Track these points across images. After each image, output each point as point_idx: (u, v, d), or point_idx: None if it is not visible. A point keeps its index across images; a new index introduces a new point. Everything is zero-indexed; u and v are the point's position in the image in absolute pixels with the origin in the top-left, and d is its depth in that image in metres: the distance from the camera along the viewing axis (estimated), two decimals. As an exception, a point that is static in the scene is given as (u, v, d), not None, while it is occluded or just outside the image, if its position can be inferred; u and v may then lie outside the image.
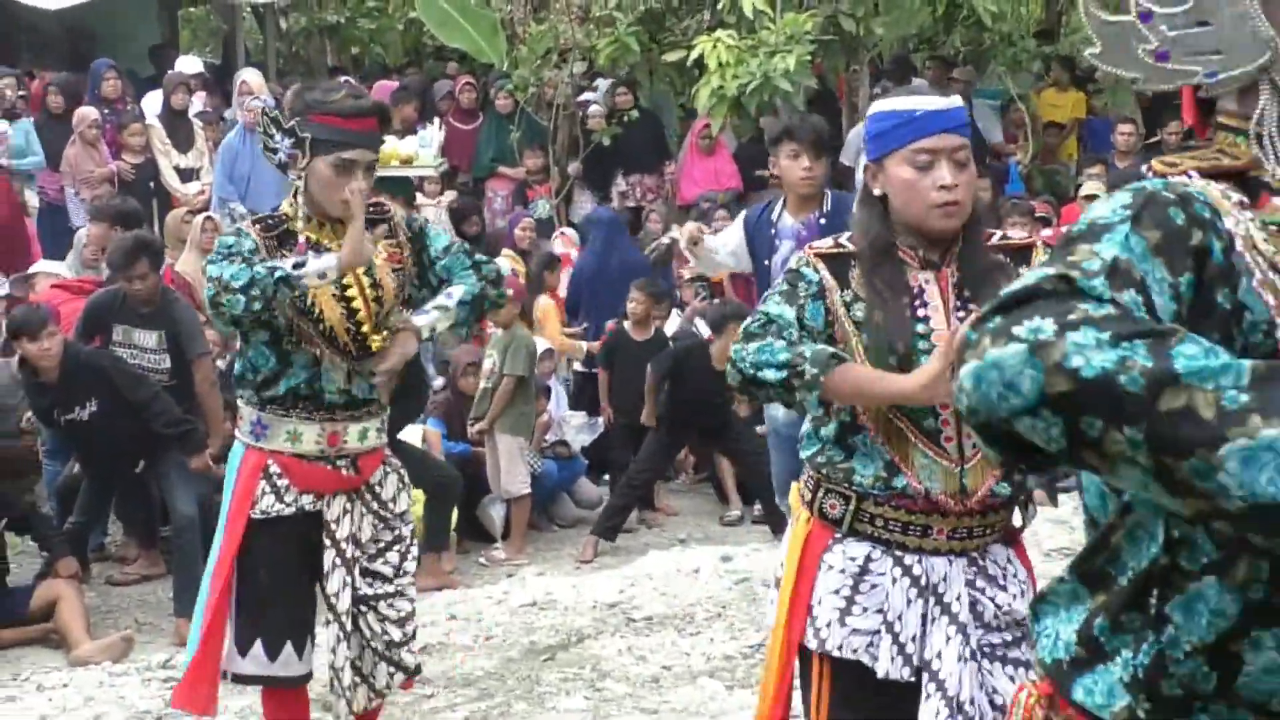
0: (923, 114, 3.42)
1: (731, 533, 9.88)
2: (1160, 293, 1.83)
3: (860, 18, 13.41)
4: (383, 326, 4.62)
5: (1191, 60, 1.99)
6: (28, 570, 8.49)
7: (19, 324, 8.17)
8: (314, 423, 4.56)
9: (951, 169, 3.38)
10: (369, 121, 4.49)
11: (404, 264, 4.69)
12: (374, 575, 4.69)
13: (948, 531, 3.45)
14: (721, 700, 6.14)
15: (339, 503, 4.62)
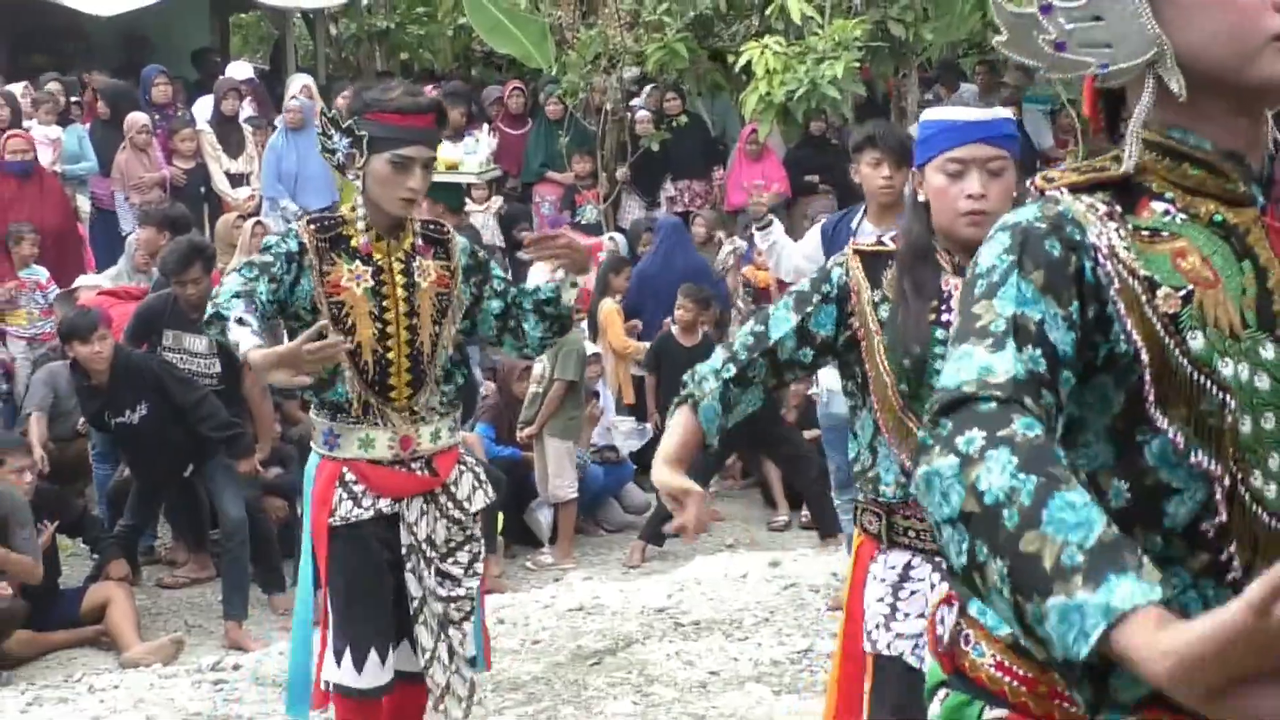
0: (959, 124, 3.50)
1: (779, 538, 9.86)
2: (1055, 328, 1.98)
3: (909, 23, 13.37)
4: (419, 362, 4.54)
5: (1086, 52, 2.11)
6: (79, 573, 8.54)
7: (71, 327, 8.23)
8: (385, 428, 4.53)
9: (982, 179, 3.45)
10: (426, 119, 4.47)
11: (451, 289, 4.62)
12: (445, 576, 4.67)
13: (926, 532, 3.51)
14: (769, 705, 6.13)
15: (416, 504, 4.60)
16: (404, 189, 4.42)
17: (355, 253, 4.49)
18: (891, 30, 13.38)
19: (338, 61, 19.15)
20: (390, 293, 4.51)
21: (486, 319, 4.69)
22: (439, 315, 4.58)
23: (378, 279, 4.50)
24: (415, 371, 4.54)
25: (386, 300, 4.50)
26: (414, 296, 4.53)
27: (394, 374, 4.52)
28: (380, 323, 4.50)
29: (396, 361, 4.52)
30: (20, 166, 10.98)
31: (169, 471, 8.49)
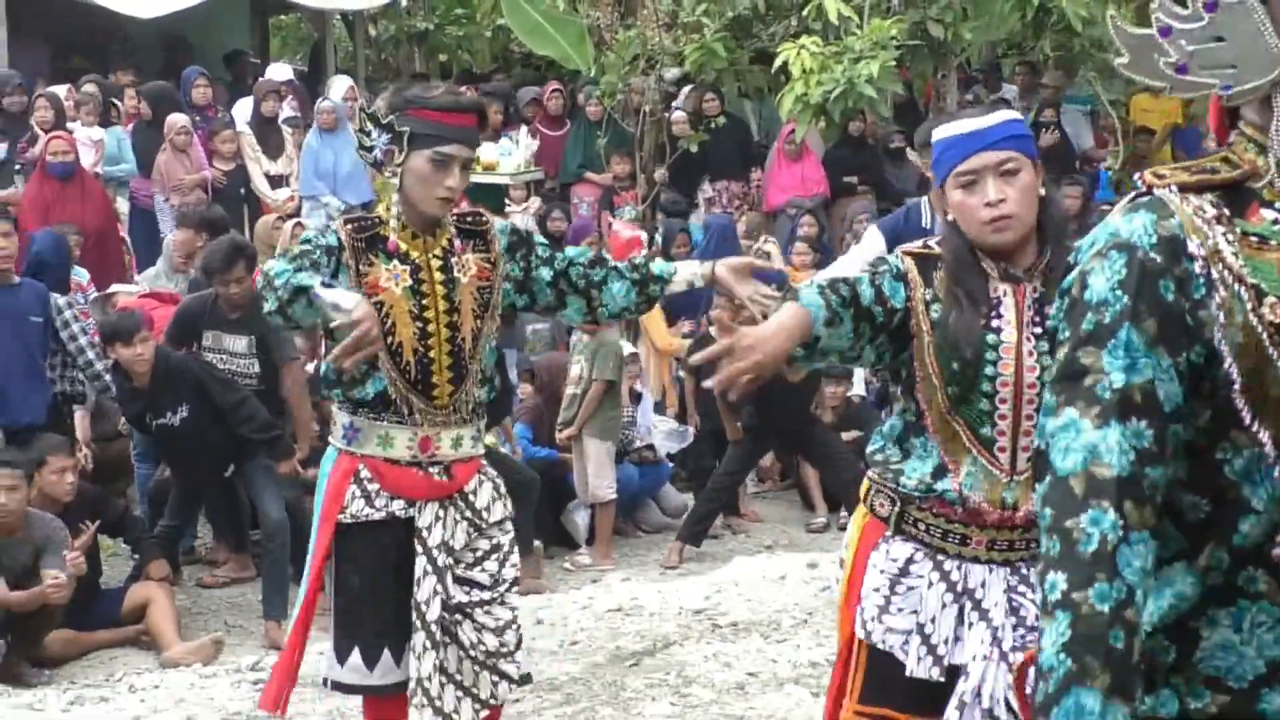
0: (961, 137, 3.51)
1: (817, 539, 9.85)
2: (1165, 382, 2.01)
3: (948, 23, 13.32)
4: (460, 359, 4.51)
5: (1208, 73, 2.07)
6: (120, 572, 8.59)
7: (113, 329, 8.26)
8: (406, 427, 4.49)
9: (997, 183, 3.44)
10: (468, 118, 4.44)
11: (492, 281, 4.57)
12: (470, 583, 4.61)
13: (986, 542, 3.52)
14: (808, 707, 6.10)
15: (431, 509, 4.54)
16: (442, 187, 4.38)
17: (392, 252, 4.45)
18: (930, 30, 13.33)
19: (377, 63, 19.19)
20: (429, 290, 4.46)
21: (541, 288, 4.62)
22: (480, 310, 4.53)
23: (416, 278, 4.46)
24: (456, 369, 4.51)
25: (426, 299, 4.46)
26: (454, 293, 4.49)
27: (435, 372, 4.48)
28: (420, 321, 4.46)
29: (438, 360, 4.48)
30: (62, 168, 11.03)
31: (210, 472, 8.53)
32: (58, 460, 7.82)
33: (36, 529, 7.54)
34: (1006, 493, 3.46)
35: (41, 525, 7.57)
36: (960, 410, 3.47)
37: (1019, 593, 3.51)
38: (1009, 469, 3.46)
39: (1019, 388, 3.44)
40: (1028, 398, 3.43)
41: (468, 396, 4.53)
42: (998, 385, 3.45)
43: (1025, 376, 3.44)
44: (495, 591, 4.63)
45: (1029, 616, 3.48)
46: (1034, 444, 3.28)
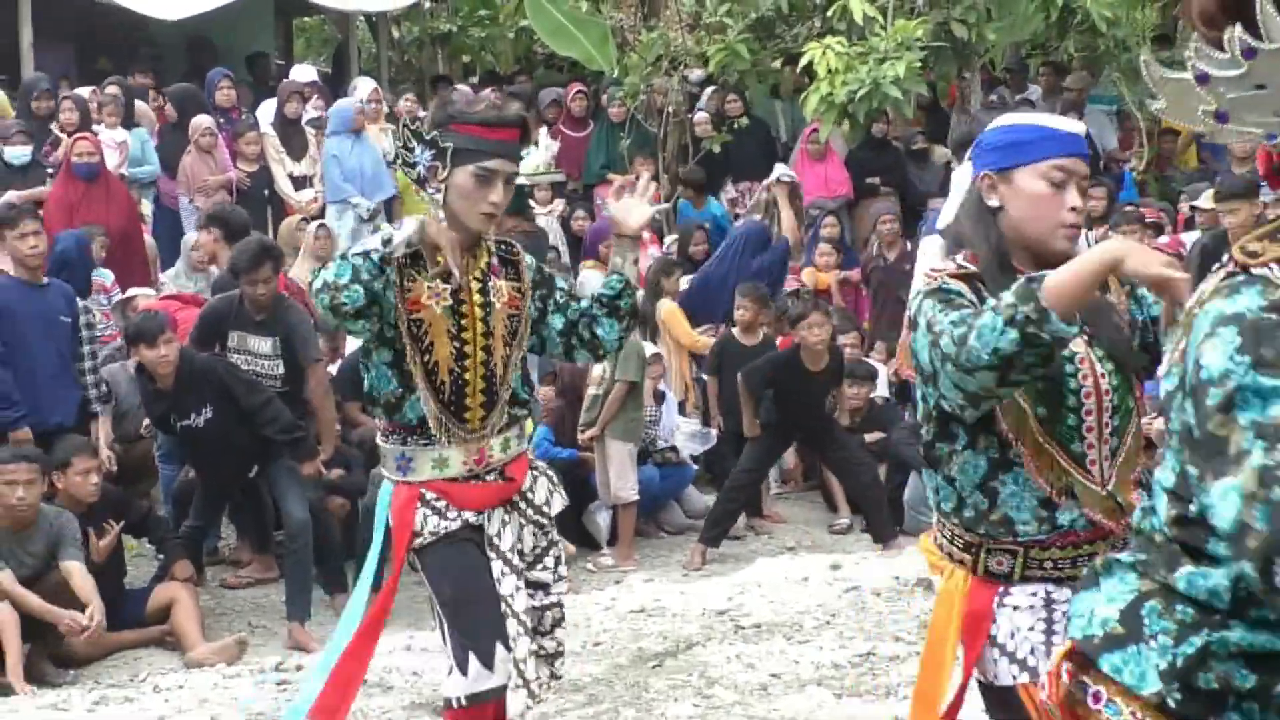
0: (1065, 134, 3.42)
1: (840, 541, 9.84)
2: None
3: (972, 24, 13.30)
4: (493, 383, 4.49)
5: (1252, 122, 1.99)
6: (144, 573, 8.61)
7: (137, 330, 8.28)
8: (458, 446, 4.46)
9: (1079, 194, 3.39)
10: (511, 132, 4.41)
11: (521, 310, 4.56)
12: (536, 585, 4.62)
13: (1069, 562, 3.42)
14: (830, 709, 6.09)
15: (497, 517, 4.53)
16: (486, 203, 4.34)
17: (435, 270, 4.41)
18: (954, 31, 13.32)
19: (400, 64, 19.23)
20: (469, 312, 4.44)
21: (551, 336, 4.64)
22: (510, 336, 4.53)
23: (456, 297, 4.43)
24: (489, 393, 4.49)
25: (465, 320, 4.44)
26: (490, 317, 4.48)
27: (469, 394, 4.46)
28: (458, 342, 4.43)
29: (472, 382, 4.46)
30: (87, 169, 11.05)
31: (234, 474, 8.54)
32: (82, 461, 7.84)
33: (49, 524, 7.57)
34: (1117, 499, 3.39)
35: (54, 519, 7.60)
36: (1053, 431, 3.36)
37: None
38: (1101, 481, 3.38)
39: (1099, 396, 3.37)
40: (1105, 405, 3.37)
41: (500, 420, 4.52)
42: (1082, 397, 3.36)
43: (1102, 383, 3.38)
44: (555, 592, 4.68)
45: None
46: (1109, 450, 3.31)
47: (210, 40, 16.75)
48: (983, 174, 3.46)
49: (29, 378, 8.28)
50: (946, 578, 3.53)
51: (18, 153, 11.37)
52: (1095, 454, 3.37)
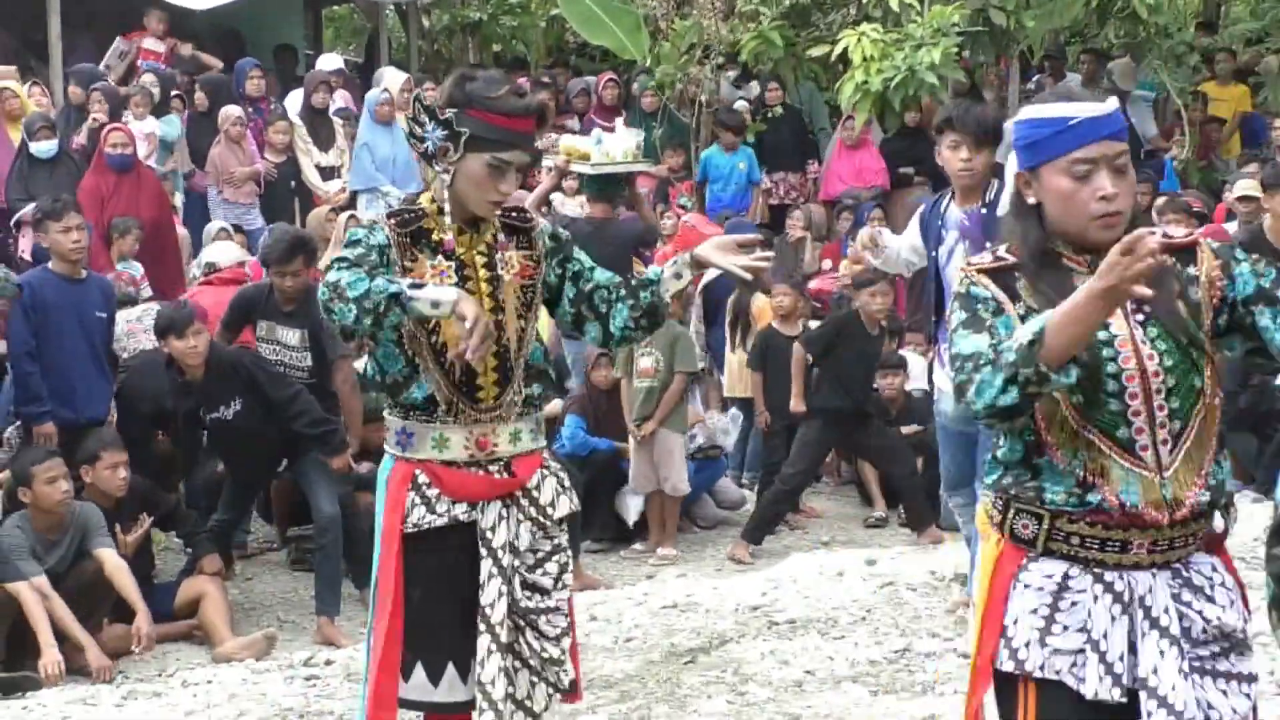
0: (1080, 121, 3.29)
1: (876, 535, 9.79)
2: None
3: (1011, 10, 13.20)
4: (506, 359, 4.36)
5: None
6: (173, 567, 8.61)
7: (168, 321, 8.26)
8: (461, 427, 4.33)
9: (1112, 177, 3.26)
10: (529, 122, 4.30)
11: (535, 279, 4.42)
12: (534, 588, 4.44)
13: (1148, 544, 3.31)
14: (866, 706, 6.04)
15: (494, 509, 4.37)
16: (496, 192, 4.25)
17: (437, 247, 4.32)
18: (992, 17, 13.22)
19: (430, 54, 19.18)
20: (475, 288, 4.31)
21: (563, 305, 4.48)
22: (524, 309, 4.39)
23: (461, 274, 4.32)
24: (502, 369, 4.35)
25: (471, 296, 4.28)
26: (498, 291, 4.35)
27: (481, 373, 4.34)
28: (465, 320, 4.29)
29: (484, 360, 4.31)
30: (120, 160, 11.05)
31: (262, 467, 8.56)
32: (110, 455, 7.84)
33: (74, 516, 7.60)
34: (1164, 491, 3.27)
35: (78, 511, 7.61)
36: (1093, 417, 3.28)
37: (1184, 601, 3.32)
38: (1156, 466, 3.27)
39: (1145, 379, 3.26)
40: (1154, 387, 3.26)
41: (516, 396, 4.38)
42: (1124, 381, 3.27)
43: (1148, 365, 3.27)
44: (556, 598, 4.46)
45: (1194, 629, 3.31)
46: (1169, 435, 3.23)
47: (239, 30, 16.74)
48: (1018, 172, 3.43)
49: (63, 373, 8.29)
50: (986, 541, 3.52)
51: (44, 147, 11.36)
52: (1148, 438, 3.27)
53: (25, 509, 7.55)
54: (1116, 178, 3.27)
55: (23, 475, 7.63)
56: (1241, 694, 3.27)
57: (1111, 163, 3.27)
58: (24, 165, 11.39)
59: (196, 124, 13.18)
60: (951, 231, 6.80)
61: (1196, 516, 3.30)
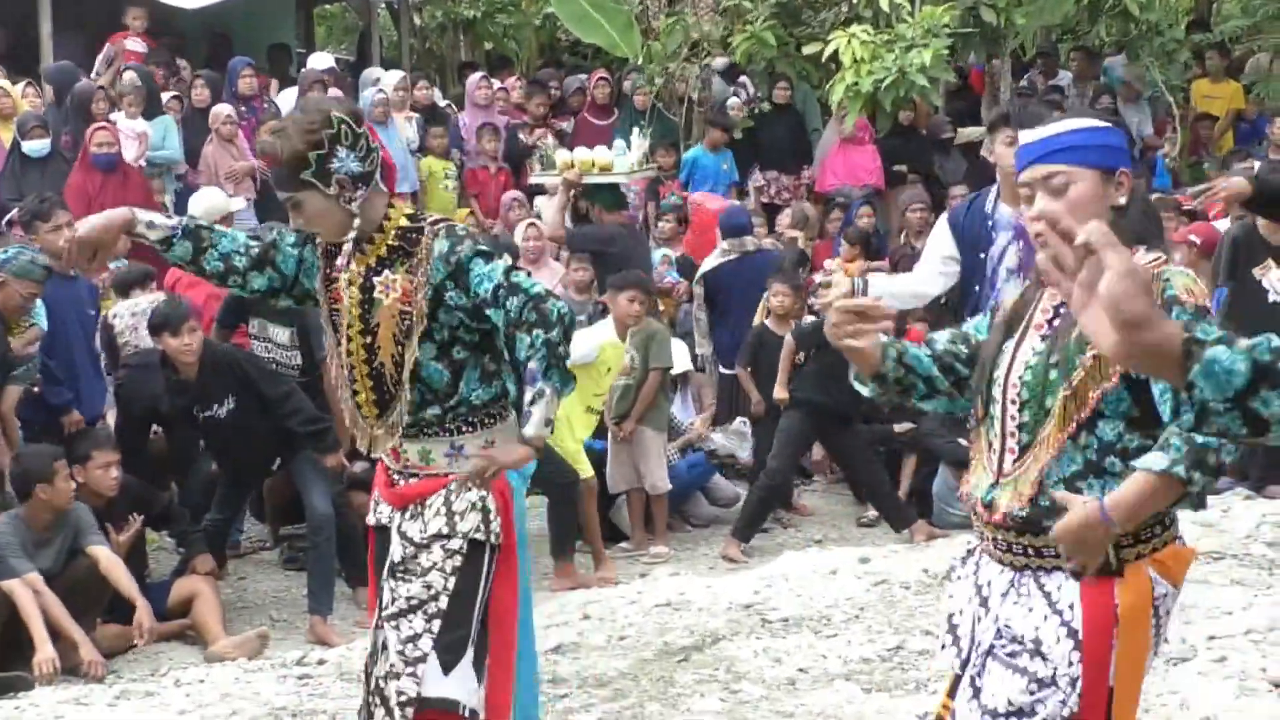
0: (1019, 149, 3.48)
1: (869, 534, 9.80)
2: None
3: (1001, 8, 13.22)
4: (382, 383, 4.32)
5: None
6: (166, 567, 8.61)
7: (162, 318, 8.28)
8: (375, 434, 4.42)
9: (1045, 199, 3.37)
10: (273, 162, 4.30)
11: (414, 305, 4.25)
12: (397, 607, 4.37)
13: (992, 540, 3.49)
14: (859, 704, 6.05)
15: (399, 515, 4.42)
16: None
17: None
18: (983, 16, 13.24)
19: (422, 52, 19.18)
20: (344, 309, 4.35)
21: (499, 331, 4.30)
22: (404, 333, 4.28)
23: (330, 295, 4.38)
24: (379, 391, 4.35)
25: (339, 316, 4.36)
26: (370, 314, 4.30)
27: (360, 390, 4.39)
28: (343, 336, 4.37)
29: (360, 380, 4.37)
30: (106, 159, 11.05)
31: (256, 466, 8.56)
32: (102, 454, 7.83)
33: (69, 515, 7.59)
34: (992, 494, 3.43)
35: (72, 510, 7.61)
36: (985, 416, 3.49)
37: (1015, 603, 3.44)
38: (996, 471, 3.45)
39: (1005, 388, 3.43)
40: (1010, 397, 3.41)
41: (399, 419, 4.32)
42: (996, 390, 3.46)
43: (1010, 377, 3.43)
44: (419, 598, 4.34)
45: (1016, 631, 3.40)
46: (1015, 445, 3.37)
47: (230, 29, 16.72)
48: None
49: (69, 369, 8.34)
50: None
51: (36, 146, 11.35)
52: (998, 445, 3.44)
53: (15, 508, 7.54)
54: (1051, 199, 3.37)
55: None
56: (1014, 684, 3.34)
57: (1045, 185, 3.38)
58: (16, 164, 11.38)
59: (192, 122, 13.14)
60: (1004, 232, 6.69)
61: (1029, 530, 3.38)
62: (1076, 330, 3.29)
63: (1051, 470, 3.33)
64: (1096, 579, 3.35)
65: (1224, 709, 5.61)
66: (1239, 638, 6.31)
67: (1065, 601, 3.36)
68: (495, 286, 4.19)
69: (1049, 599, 3.38)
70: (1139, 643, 3.36)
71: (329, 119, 4.21)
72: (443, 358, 4.30)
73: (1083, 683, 3.31)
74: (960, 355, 3.62)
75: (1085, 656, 3.31)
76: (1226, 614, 6.69)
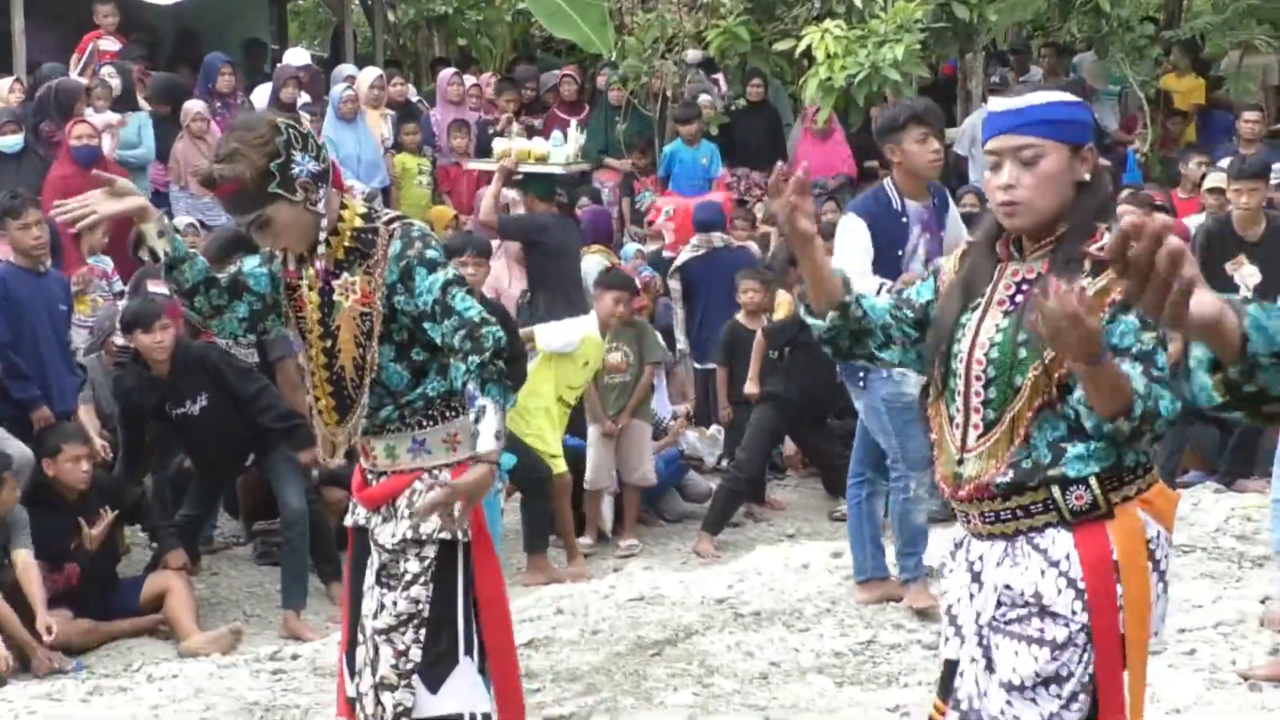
0: (990, 115, 3.51)
1: (841, 528, 9.75)
2: None
3: (974, 4, 13.27)
4: (342, 387, 4.32)
5: None
6: (138, 562, 8.60)
7: (134, 316, 8.29)
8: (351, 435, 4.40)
9: (1015, 169, 3.41)
10: (214, 190, 4.22)
11: (373, 306, 4.24)
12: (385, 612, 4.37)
13: (978, 516, 3.49)
14: (831, 697, 6.10)
15: (377, 517, 4.40)
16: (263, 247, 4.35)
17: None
18: (955, 12, 13.28)
19: (395, 48, 19.16)
20: (307, 313, 4.34)
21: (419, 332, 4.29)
22: (364, 335, 4.27)
23: (292, 299, 4.38)
24: (339, 396, 4.34)
25: (304, 321, 4.36)
26: (329, 317, 4.30)
27: (319, 395, 4.37)
28: (304, 339, 4.37)
29: (319, 385, 4.36)
30: (87, 153, 11.02)
31: (229, 462, 8.56)
32: (72, 448, 7.82)
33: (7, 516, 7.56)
34: (961, 468, 3.47)
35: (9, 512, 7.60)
36: (945, 390, 3.52)
37: (1005, 569, 3.46)
38: (960, 446, 3.47)
39: (969, 364, 3.45)
40: (975, 373, 3.43)
41: (359, 421, 4.31)
42: (956, 364, 3.48)
43: (974, 353, 3.44)
44: (407, 613, 4.33)
45: (1007, 595, 3.43)
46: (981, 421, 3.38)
47: (202, 25, 16.67)
48: None
49: (37, 365, 8.31)
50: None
51: (9, 141, 11.31)
52: (961, 419, 3.47)
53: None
54: (1020, 170, 3.40)
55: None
56: (1031, 656, 3.35)
57: (1016, 155, 3.41)
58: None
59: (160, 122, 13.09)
60: (915, 227, 6.82)
61: (1014, 492, 3.41)
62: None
63: (1036, 438, 3.36)
64: (1088, 525, 3.37)
65: (1194, 701, 5.66)
66: (1208, 630, 6.36)
67: (1060, 553, 3.38)
68: (433, 302, 4.16)
69: (1045, 554, 3.39)
70: (1141, 585, 3.37)
71: (275, 126, 4.16)
72: (402, 359, 4.27)
73: (1094, 632, 3.32)
74: (905, 319, 3.67)
75: (1091, 601, 3.33)
76: (1196, 607, 6.74)
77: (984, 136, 3.52)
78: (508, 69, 17.63)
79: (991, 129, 3.47)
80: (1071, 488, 3.36)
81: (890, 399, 7.03)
